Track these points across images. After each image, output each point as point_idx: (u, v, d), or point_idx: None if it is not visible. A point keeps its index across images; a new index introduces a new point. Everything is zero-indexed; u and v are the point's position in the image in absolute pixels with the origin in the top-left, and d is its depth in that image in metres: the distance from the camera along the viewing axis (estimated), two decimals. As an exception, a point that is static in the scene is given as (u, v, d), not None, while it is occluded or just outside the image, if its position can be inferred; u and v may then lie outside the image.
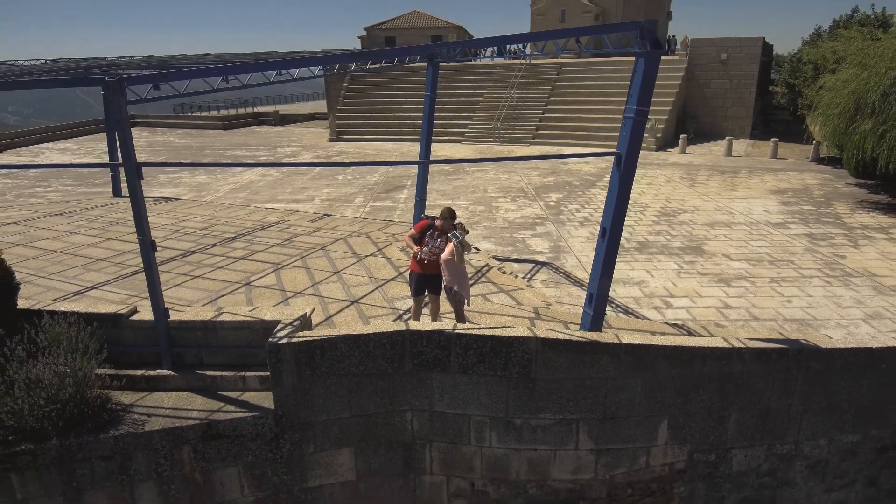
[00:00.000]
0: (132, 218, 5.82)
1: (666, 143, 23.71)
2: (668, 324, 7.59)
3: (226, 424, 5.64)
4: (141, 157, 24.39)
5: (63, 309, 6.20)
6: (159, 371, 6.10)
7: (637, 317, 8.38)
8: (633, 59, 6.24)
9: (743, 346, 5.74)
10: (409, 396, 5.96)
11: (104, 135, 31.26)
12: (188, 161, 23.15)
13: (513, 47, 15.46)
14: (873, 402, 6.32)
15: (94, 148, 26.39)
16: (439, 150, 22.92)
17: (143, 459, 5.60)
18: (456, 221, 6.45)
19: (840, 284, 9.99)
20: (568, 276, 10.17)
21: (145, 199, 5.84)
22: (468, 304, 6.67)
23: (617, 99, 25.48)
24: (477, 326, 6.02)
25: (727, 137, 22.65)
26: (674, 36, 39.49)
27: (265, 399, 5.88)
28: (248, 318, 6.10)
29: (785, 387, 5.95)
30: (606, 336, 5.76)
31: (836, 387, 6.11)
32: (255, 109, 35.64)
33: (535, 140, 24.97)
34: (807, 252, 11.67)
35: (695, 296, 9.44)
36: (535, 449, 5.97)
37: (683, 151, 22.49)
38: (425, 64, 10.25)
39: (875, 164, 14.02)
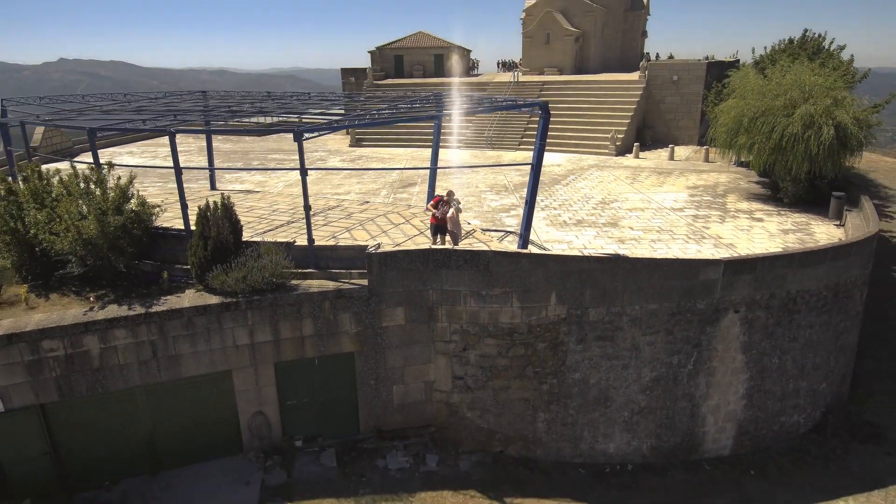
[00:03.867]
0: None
1: (625, 150, 30.56)
2: (570, 255, 14.48)
3: (345, 290, 12.59)
4: (198, 160, 31.24)
5: (261, 240, 13.13)
6: (308, 270, 13.04)
7: (557, 255, 15.28)
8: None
9: (590, 255, 12.66)
10: (430, 281, 12.88)
11: (158, 140, 37.65)
12: (245, 164, 30.00)
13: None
14: (661, 284, 13.18)
15: (156, 152, 33.29)
16: (441, 153, 29.72)
17: (307, 306, 12.52)
18: (455, 196, 13.39)
19: (693, 243, 16.86)
20: (524, 237, 17.06)
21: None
22: (461, 241, 13.60)
23: (589, 111, 32.44)
24: (463, 248, 12.95)
25: (670, 145, 29.60)
26: (648, 53, 46.60)
27: (363, 281, 12.80)
28: (354, 243, 13.05)
29: (612, 277, 12.85)
30: (524, 251, 12.69)
31: (641, 278, 12.99)
32: (282, 118, 42.42)
33: (521, 146, 31.82)
34: (685, 226, 18.54)
35: (599, 248, 16.33)
36: (492, 306, 12.89)
37: (636, 156, 29.41)
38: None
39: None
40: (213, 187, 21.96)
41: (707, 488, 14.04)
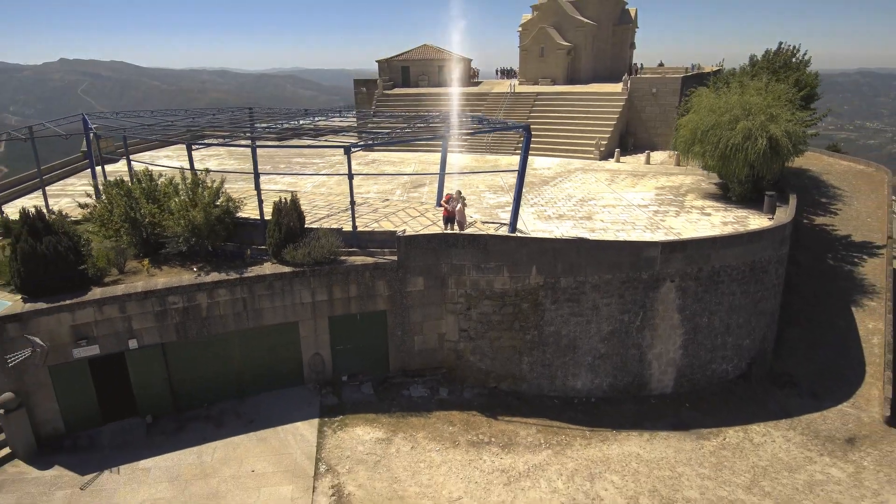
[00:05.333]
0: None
1: (608, 155, 35.68)
2: (548, 240, 19.63)
3: (380, 264, 17.76)
4: (229, 164, 36.31)
5: (318, 226, 18.26)
6: (353, 249, 18.17)
7: (539, 240, 20.44)
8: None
9: (560, 237, 17.79)
10: (443, 257, 18.02)
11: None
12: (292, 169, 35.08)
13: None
14: (614, 260, 18.29)
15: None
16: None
17: (352, 275, 17.68)
18: (462, 194, 18.52)
19: (649, 231, 21.95)
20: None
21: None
22: (466, 228, 18.73)
23: (577, 120, 37.57)
24: (467, 233, 18.08)
25: (647, 150, 34.77)
26: (635, 63, 51.77)
27: (393, 257, 17.94)
28: (386, 229, 18.18)
29: (577, 254, 17.97)
30: (513, 235, 17.83)
31: (598, 255, 18.12)
32: (297, 122, 47.55)
33: (516, 151, 36.91)
34: (646, 219, 23.63)
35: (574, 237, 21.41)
36: (488, 276, 18.03)
37: (617, 161, 34.57)
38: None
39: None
40: (257, 187, 27.01)
41: (651, 415, 19.14)
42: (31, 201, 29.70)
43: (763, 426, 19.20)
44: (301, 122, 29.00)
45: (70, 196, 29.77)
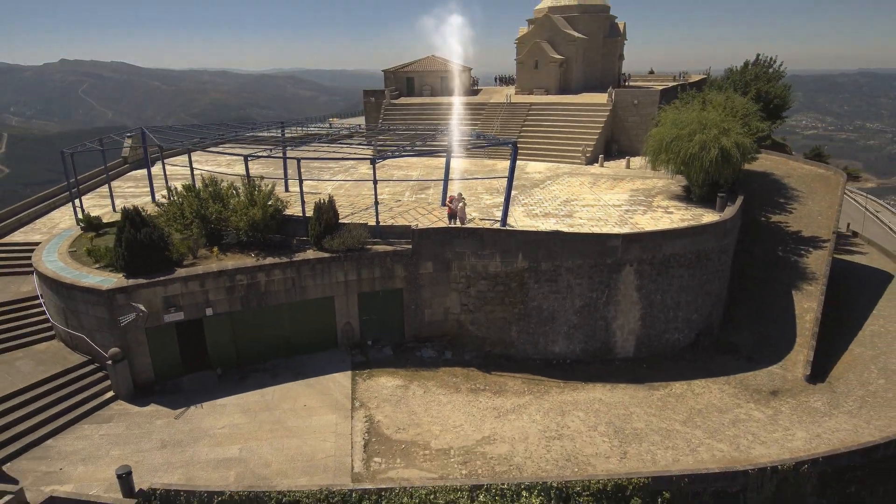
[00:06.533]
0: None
1: (593, 160, 41.14)
2: (532, 233, 25.11)
3: (398, 251, 23.32)
4: (253, 168, 41.67)
5: (349, 221, 23.73)
6: (376, 239, 23.64)
7: (525, 233, 25.94)
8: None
9: (541, 230, 23.26)
10: (448, 246, 23.57)
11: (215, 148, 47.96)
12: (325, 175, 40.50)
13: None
14: (584, 248, 23.74)
15: (217, 160, 43.84)
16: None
17: (377, 259, 23.26)
18: (462, 196, 23.98)
19: (618, 226, 27.36)
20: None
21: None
22: (466, 223, 24.21)
23: (566, 128, 43.03)
24: (467, 227, 23.54)
25: (627, 157, 40.24)
26: (625, 73, 57.20)
27: (408, 246, 23.45)
28: (402, 224, 23.66)
29: (554, 243, 23.49)
30: (503, 228, 23.32)
31: (571, 244, 23.59)
32: (311, 129, 53.00)
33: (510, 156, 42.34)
34: (618, 216, 29.04)
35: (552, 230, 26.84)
36: (484, 261, 23.56)
37: (601, 165, 40.03)
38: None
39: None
40: (286, 189, 32.52)
41: (615, 373, 24.60)
42: (89, 201, 35.29)
43: (704, 381, 24.62)
44: (327, 131, 34.36)
45: (122, 197, 35.28)
